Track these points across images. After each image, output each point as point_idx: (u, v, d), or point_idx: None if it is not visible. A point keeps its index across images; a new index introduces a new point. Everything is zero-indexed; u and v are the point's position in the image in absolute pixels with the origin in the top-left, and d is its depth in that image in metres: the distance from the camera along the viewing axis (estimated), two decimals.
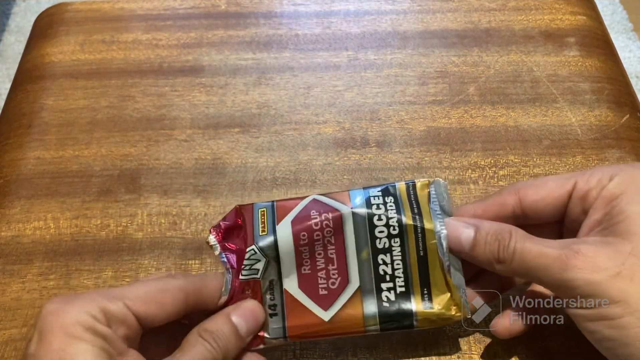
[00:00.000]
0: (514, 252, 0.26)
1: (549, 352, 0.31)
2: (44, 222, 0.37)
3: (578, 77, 0.44)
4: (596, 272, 0.24)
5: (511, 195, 0.29)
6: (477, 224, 0.28)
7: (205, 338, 0.25)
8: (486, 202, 0.30)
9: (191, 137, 0.41)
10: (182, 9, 0.50)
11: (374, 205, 0.28)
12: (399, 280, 0.28)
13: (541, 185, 0.29)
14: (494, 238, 0.27)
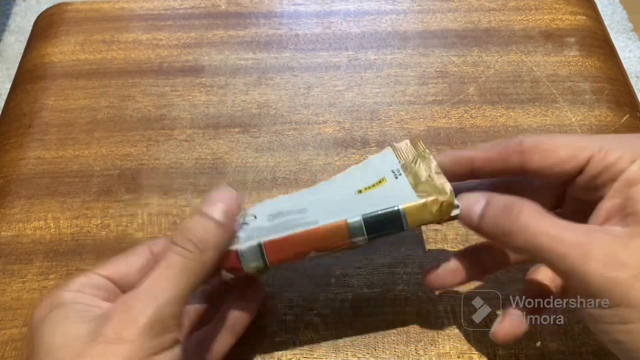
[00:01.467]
0: (524, 227, 0.24)
1: (549, 352, 0.31)
2: (44, 222, 0.37)
3: (578, 77, 0.44)
4: (618, 270, 0.21)
5: (517, 154, 0.26)
6: (488, 196, 0.26)
7: (177, 242, 0.24)
8: (488, 152, 0.27)
9: (191, 137, 0.41)
10: (182, 9, 0.50)
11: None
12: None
13: (550, 150, 0.26)
14: (502, 209, 0.25)
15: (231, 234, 0.26)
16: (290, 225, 0.27)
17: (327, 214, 0.27)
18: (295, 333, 0.32)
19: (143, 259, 0.26)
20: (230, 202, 0.25)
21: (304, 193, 0.30)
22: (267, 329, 0.33)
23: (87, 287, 0.24)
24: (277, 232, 0.27)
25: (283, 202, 0.29)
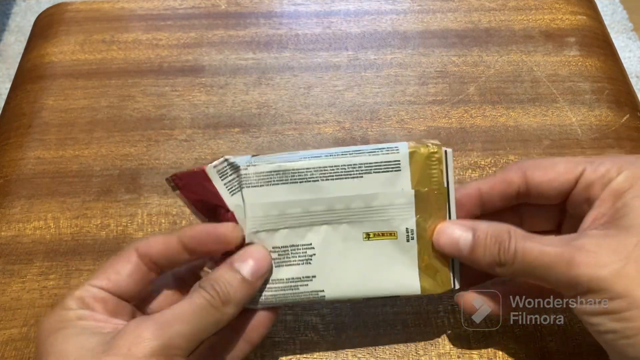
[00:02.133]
0: (515, 253, 0.25)
1: (549, 352, 0.31)
2: (44, 222, 0.37)
3: (578, 77, 0.44)
4: (601, 268, 0.24)
5: (517, 174, 0.28)
6: (474, 226, 0.27)
7: (203, 286, 0.25)
8: (492, 180, 0.29)
9: (191, 137, 0.41)
10: (182, 9, 0.50)
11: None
12: None
13: (549, 167, 0.28)
14: (493, 241, 0.26)
15: (255, 292, 0.27)
16: (295, 292, 0.28)
17: (333, 282, 0.28)
18: (295, 333, 0.32)
19: (132, 264, 0.26)
20: (261, 263, 0.27)
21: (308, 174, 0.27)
22: None
23: (88, 301, 0.25)
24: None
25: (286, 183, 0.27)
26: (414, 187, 0.27)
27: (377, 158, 0.27)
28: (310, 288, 0.27)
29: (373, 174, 0.27)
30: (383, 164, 0.27)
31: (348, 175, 0.27)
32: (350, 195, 0.27)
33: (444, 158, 0.27)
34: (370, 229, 0.27)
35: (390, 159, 0.27)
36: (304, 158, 0.27)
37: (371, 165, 0.27)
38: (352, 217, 0.27)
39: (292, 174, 0.27)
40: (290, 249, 0.27)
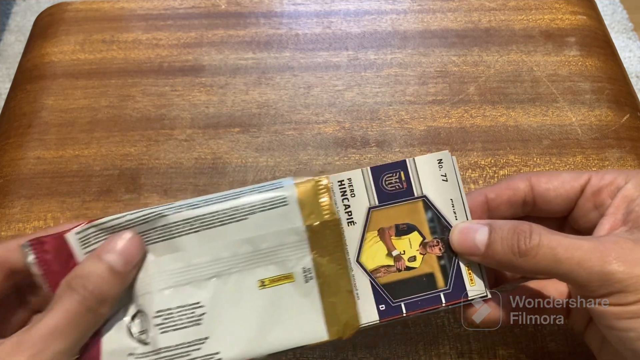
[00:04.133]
0: (538, 245, 0.24)
1: (549, 352, 0.31)
2: (44, 222, 0.37)
3: (578, 76, 0.44)
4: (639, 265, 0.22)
5: (523, 181, 0.28)
6: (490, 222, 0.26)
7: (74, 286, 0.22)
8: (498, 186, 0.29)
9: (191, 137, 0.41)
10: (182, 9, 0.50)
11: None
12: None
13: (555, 175, 0.28)
14: (512, 232, 0.25)
15: (128, 284, 0.24)
16: (187, 359, 0.24)
17: (229, 342, 0.24)
18: None
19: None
20: (131, 248, 0.24)
21: (195, 239, 0.25)
22: None
23: None
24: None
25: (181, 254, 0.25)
26: (305, 222, 0.25)
27: (260, 196, 0.25)
28: (204, 352, 0.24)
29: (258, 214, 0.25)
30: (268, 201, 0.25)
31: (231, 219, 0.25)
32: (235, 240, 0.25)
33: (335, 186, 0.26)
34: (263, 275, 0.25)
35: (274, 195, 0.25)
36: (180, 209, 0.25)
37: (255, 204, 0.25)
38: (242, 265, 0.25)
39: (165, 229, 0.24)
40: (176, 311, 0.24)
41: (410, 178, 0.27)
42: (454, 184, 0.28)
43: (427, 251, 0.27)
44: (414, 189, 0.27)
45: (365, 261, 0.27)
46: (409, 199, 0.27)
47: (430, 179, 0.27)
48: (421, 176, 0.27)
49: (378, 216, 0.27)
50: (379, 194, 0.27)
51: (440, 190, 0.27)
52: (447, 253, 0.27)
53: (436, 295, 0.27)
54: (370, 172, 0.27)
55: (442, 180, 0.27)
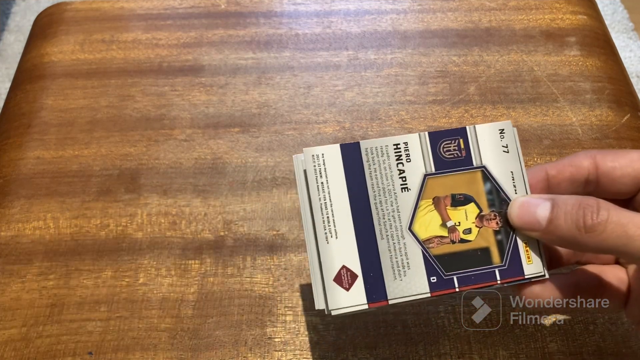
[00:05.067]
0: (607, 220, 0.23)
1: (548, 352, 0.31)
2: (43, 222, 0.37)
3: (579, 76, 0.44)
4: None
5: (587, 159, 0.26)
6: (552, 196, 0.25)
7: None
8: (560, 163, 0.27)
9: (191, 137, 0.41)
10: (182, 9, 0.50)
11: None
12: None
13: (621, 154, 0.26)
14: (578, 206, 0.23)
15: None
16: None
17: None
18: (295, 333, 0.32)
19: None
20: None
21: None
22: (267, 328, 0.33)
23: None
24: None
25: None
26: None
27: None
28: None
29: None
30: None
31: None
32: None
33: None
34: None
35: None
36: None
37: None
38: None
39: None
40: None
41: (470, 146, 0.26)
42: (515, 156, 0.26)
43: (483, 224, 0.26)
44: (473, 158, 0.26)
45: (418, 230, 0.26)
46: (468, 169, 0.26)
47: (490, 149, 0.26)
48: (481, 145, 0.26)
49: (434, 184, 0.26)
50: (436, 161, 0.26)
51: (501, 162, 0.26)
52: (505, 227, 0.26)
53: (491, 271, 0.25)
54: (428, 137, 0.26)
55: (502, 151, 0.26)
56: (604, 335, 0.32)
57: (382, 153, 0.26)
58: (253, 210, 0.37)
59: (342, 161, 0.26)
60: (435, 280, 0.25)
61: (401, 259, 0.25)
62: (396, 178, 0.26)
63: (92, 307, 0.34)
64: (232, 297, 0.34)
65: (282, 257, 0.35)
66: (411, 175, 0.26)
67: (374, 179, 0.26)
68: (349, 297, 0.25)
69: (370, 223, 0.26)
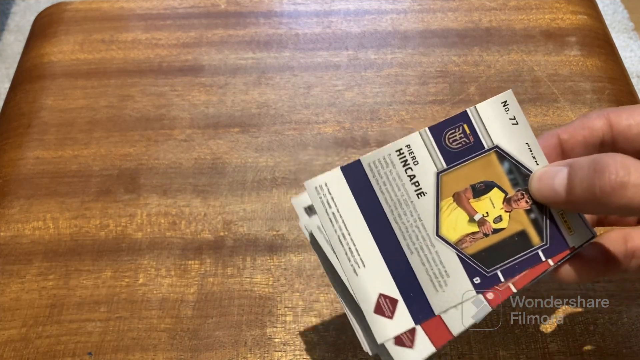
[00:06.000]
0: (628, 179, 0.20)
1: (549, 352, 0.31)
2: (43, 222, 0.37)
3: (579, 76, 0.44)
4: None
5: (600, 119, 0.24)
6: (570, 162, 0.23)
7: None
8: (572, 126, 0.25)
9: (191, 137, 0.41)
10: (181, 9, 0.50)
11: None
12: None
13: (637, 110, 0.24)
14: (593, 169, 0.21)
15: None
16: None
17: None
18: (295, 334, 0.32)
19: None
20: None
21: None
22: (267, 329, 0.33)
23: None
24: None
25: None
26: None
27: None
28: None
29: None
30: None
31: None
32: None
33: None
34: None
35: None
36: None
37: None
38: None
39: None
40: None
41: (476, 129, 0.25)
42: (525, 125, 0.24)
43: (512, 207, 0.24)
44: (482, 140, 0.24)
45: (447, 233, 0.24)
46: (480, 153, 0.24)
47: (498, 125, 0.24)
48: (487, 125, 0.25)
49: (449, 180, 0.24)
50: (444, 155, 0.24)
51: (513, 136, 0.24)
52: (536, 204, 0.24)
53: (534, 254, 0.24)
54: (429, 133, 0.24)
55: (512, 124, 0.24)
56: (604, 336, 0.32)
57: (387, 163, 0.24)
58: (253, 211, 0.37)
59: (348, 184, 0.24)
60: (479, 281, 0.23)
61: (437, 269, 0.24)
62: (408, 185, 0.24)
63: (92, 307, 0.33)
64: (231, 297, 0.34)
65: (282, 258, 0.35)
66: (423, 178, 0.24)
67: (386, 192, 0.24)
68: (395, 325, 0.23)
69: (395, 240, 0.24)
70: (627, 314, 0.33)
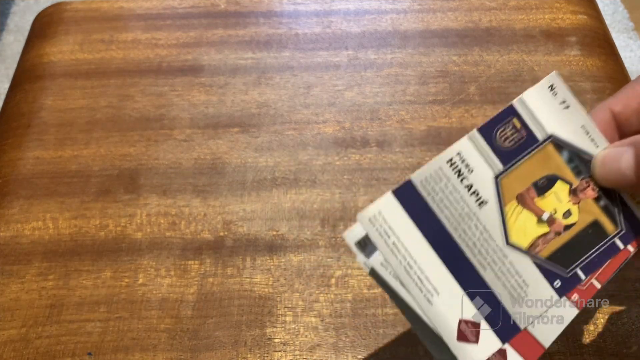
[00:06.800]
0: None
1: (549, 353, 0.31)
2: (42, 222, 0.37)
3: (579, 76, 0.44)
4: None
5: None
6: (634, 140, 0.21)
7: None
8: (623, 94, 0.23)
9: (190, 137, 0.41)
10: (181, 8, 0.50)
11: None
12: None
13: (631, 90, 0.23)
14: None
15: None
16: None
17: None
18: (294, 334, 0.32)
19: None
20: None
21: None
22: (267, 329, 0.33)
23: None
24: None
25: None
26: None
27: None
28: None
29: None
30: None
31: None
32: None
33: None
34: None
35: None
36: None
37: None
38: None
39: None
40: None
41: (527, 122, 0.23)
42: (577, 107, 0.23)
43: (580, 198, 0.23)
44: (536, 132, 0.23)
45: (517, 240, 0.22)
46: (536, 147, 0.23)
47: (549, 112, 0.23)
48: (538, 114, 0.23)
49: (509, 182, 0.23)
50: (499, 156, 0.23)
51: (567, 121, 0.23)
52: (603, 190, 0.23)
53: (611, 243, 0.22)
54: (479, 135, 0.23)
55: (563, 109, 0.23)
56: (604, 336, 0.32)
57: (440, 178, 0.23)
58: (253, 211, 0.37)
59: (404, 208, 0.22)
60: (559, 284, 0.22)
61: (514, 280, 0.22)
62: (467, 197, 0.22)
63: (92, 307, 0.33)
64: (231, 297, 0.34)
65: (282, 258, 0.35)
66: (481, 185, 0.23)
67: (445, 210, 0.22)
68: (483, 348, 0.22)
69: (465, 259, 0.22)
70: (627, 314, 0.33)
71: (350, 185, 0.39)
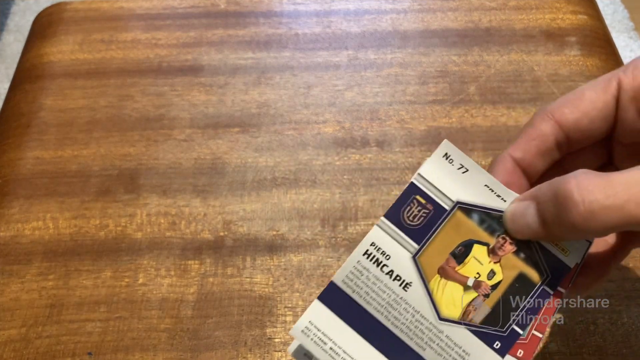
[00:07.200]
0: (591, 207, 0.19)
1: (549, 352, 0.31)
2: (42, 222, 0.37)
3: (579, 76, 0.44)
4: None
5: (546, 123, 0.23)
6: (534, 194, 0.22)
7: None
8: (521, 141, 0.24)
9: (190, 137, 0.41)
10: (181, 8, 0.50)
11: None
12: None
13: (577, 98, 0.23)
14: (555, 201, 0.20)
15: None
16: None
17: None
18: None
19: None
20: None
21: None
22: (267, 329, 0.33)
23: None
24: None
25: None
26: None
27: None
28: None
29: None
30: None
31: None
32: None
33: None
34: None
35: None
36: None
37: None
38: None
39: None
40: None
41: (430, 195, 0.24)
42: (476, 167, 0.24)
43: (500, 255, 0.23)
44: (441, 203, 0.23)
45: (449, 312, 0.23)
46: (445, 217, 0.23)
47: (450, 180, 0.24)
48: (439, 185, 0.24)
49: (427, 258, 0.23)
50: (412, 236, 0.23)
51: (469, 184, 0.23)
52: (521, 242, 0.23)
53: (541, 291, 0.22)
54: (388, 221, 0.23)
55: (462, 173, 0.24)
56: (604, 336, 0.32)
57: (360, 272, 0.23)
58: (253, 211, 0.37)
59: (332, 312, 0.23)
60: (499, 345, 0.22)
61: (455, 352, 0.22)
62: (391, 283, 0.23)
63: (92, 307, 0.33)
64: (231, 297, 0.34)
65: (282, 258, 0.35)
66: (401, 268, 0.23)
67: (372, 301, 0.23)
68: None
69: (403, 345, 0.22)
70: (627, 314, 0.33)
71: (350, 185, 0.39)
